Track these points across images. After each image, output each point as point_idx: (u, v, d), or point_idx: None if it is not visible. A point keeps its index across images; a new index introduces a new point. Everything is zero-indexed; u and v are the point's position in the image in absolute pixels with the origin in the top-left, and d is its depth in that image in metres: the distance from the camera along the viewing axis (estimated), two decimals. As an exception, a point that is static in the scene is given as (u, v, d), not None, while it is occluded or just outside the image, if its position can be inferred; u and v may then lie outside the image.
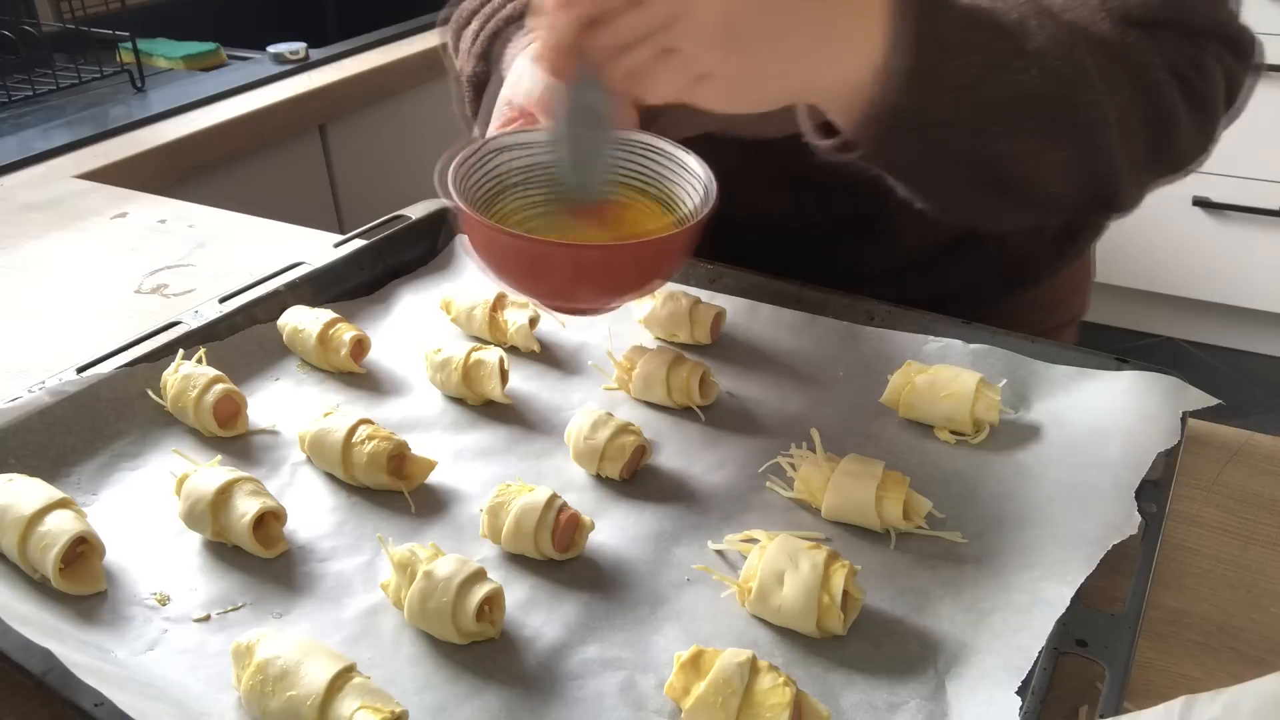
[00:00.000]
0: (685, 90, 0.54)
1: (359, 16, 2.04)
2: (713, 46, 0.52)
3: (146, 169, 1.27)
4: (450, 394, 0.72)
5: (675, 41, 0.52)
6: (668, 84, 0.54)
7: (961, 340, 0.72)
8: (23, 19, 1.51)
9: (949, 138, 0.59)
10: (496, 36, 0.82)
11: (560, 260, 0.58)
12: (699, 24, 0.52)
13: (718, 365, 0.74)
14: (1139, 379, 0.66)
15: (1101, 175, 0.64)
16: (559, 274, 0.59)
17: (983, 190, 0.63)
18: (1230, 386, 2.49)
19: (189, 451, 0.66)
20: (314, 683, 0.47)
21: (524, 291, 0.62)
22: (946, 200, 0.65)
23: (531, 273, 0.60)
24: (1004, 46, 0.59)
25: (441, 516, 0.62)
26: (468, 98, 0.87)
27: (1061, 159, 0.62)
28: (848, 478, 0.59)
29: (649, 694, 0.50)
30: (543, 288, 0.61)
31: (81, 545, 0.57)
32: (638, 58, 0.53)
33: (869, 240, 0.86)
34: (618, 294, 0.63)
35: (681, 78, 0.54)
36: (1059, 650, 0.49)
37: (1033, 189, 0.64)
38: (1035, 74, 0.59)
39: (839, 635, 0.52)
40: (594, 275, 0.59)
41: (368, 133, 1.61)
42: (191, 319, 0.76)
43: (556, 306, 0.66)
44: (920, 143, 0.59)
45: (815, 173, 0.65)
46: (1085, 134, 0.62)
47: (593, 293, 0.61)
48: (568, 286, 0.60)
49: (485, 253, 0.60)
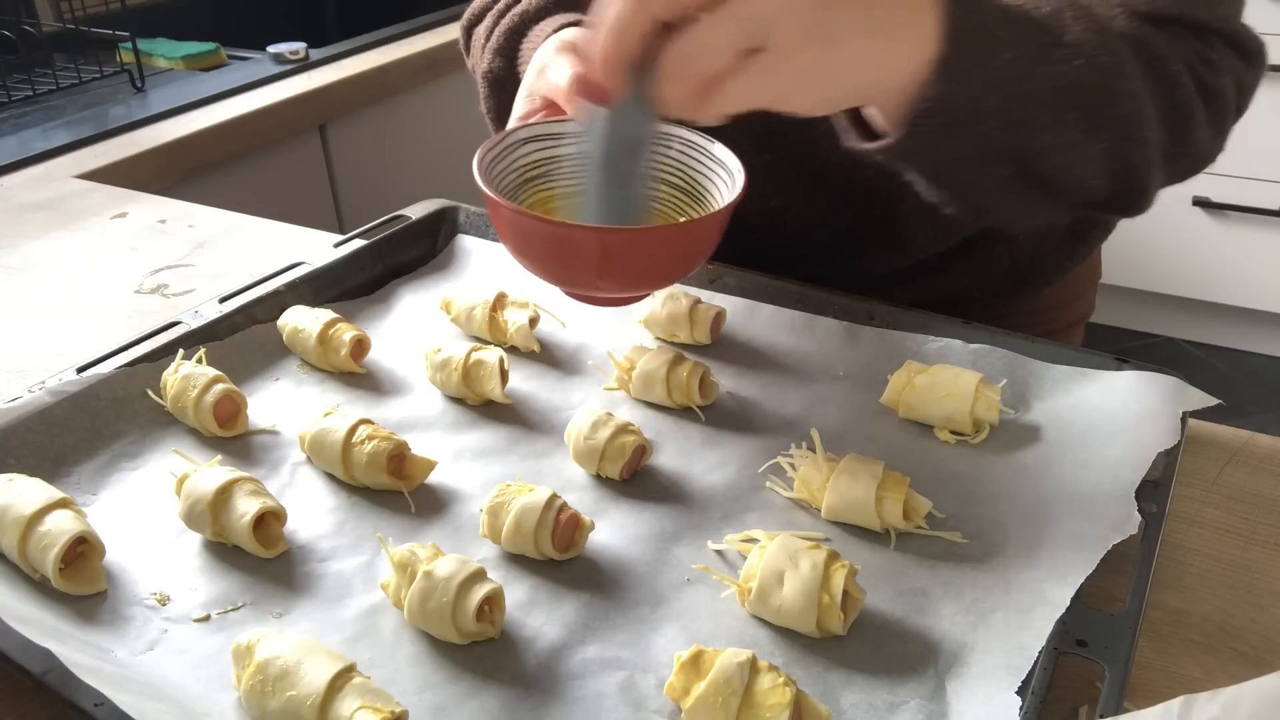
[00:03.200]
0: (763, 94, 0.51)
1: (359, 16, 2.04)
2: (805, 41, 0.49)
3: (146, 169, 1.27)
4: (450, 394, 0.72)
5: (763, 38, 0.49)
6: (746, 89, 0.50)
7: (961, 340, 0.72)
8: (23, 19, 1.51)
9: (993, 132, 0.58)
10: (514, 32, 0.81)
11: (586, 244, 0.56)
12: (791, 18, 0.49)
13: (718, 365, 0.74)
14: (1139, 379, 0.66)
15: (1135, 168, 0.64)
16: (585, 259, 0.57)
17: (1018, 186, 0.62)
18: (1230, 386, 2.49)
19: (189, 451, 0.66)
20: (314, 683, 0.47)
21: (549, 278, 0.60)
22: (980, 198, 0.64)
23: (557, 257, 0.58)
24: (1044, 39, 0.58)
25: (441, 516, 0.62)
26: (483, 94, 0.86)
27: (1099, 151, 0.62)
28: (848, 478, 0.59)
29: (649, 694, 0.50)
30: (568, 274, 0.59)
31: (81, 545, 0.57)
32: (715, 63, 0.49)
33: (880, 241, 0.85)
34: (644, 282, 0.62)
35: (764, 80, 0.50)
36: (1059, 650, 0.49)
37: (1068, 183, 0.63)
38: (1077, 64, 0.58)
39: (839, 635, 0.52)
40: (621, 261, 0.57)
41: (368, 133, 1.61)
42: (191, 319, 0.76)
43: (581, 296, 0.63)
44: (964, 138, 0.58)
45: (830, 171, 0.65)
46: (1122, 125, 0.62)
47: (619, 280, 0.59)
48: (593, 272, 0.58)
49: (511, 237, 0.59)
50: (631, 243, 0.57)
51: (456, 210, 0.92)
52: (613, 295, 0.63)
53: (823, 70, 0.52)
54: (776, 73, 0.50)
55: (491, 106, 0.86)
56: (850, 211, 0.84)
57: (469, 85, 0.92)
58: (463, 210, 0.92)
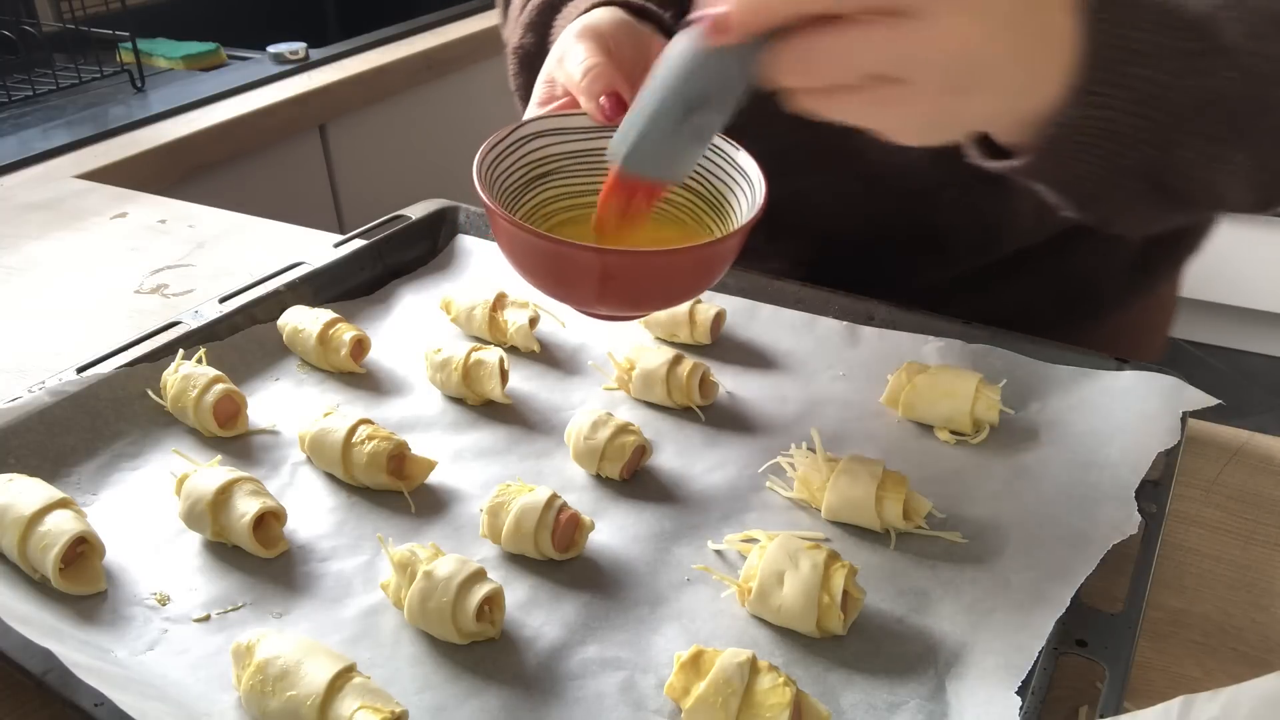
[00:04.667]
0: (874, 121, 0.47)
1: (359, 16, 2.04)
2: (945, 90, 0.46)
3: (146, 169, 1.27)
4: (450, 394, 0.72)
5: (903, 74, 0.45)
6: (858, 111, 0.47)
7: (962, 340, 0.72)
8: (23, 19, 1.52)
9: (1127, 149, 0.53)
10: (548, 7, 0.75)
11: (586, 263, 0.53)
12: (939, 58, 0.45)
13: (718, 365, 0.74)
14: (1139, 379, 0.66)
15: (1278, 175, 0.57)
16: (585, 279, 0.54)
17: (1151, 198, 0.56)
18: (1230, 386, 2.49)
19: (189, 451, 0.66)
20: (314, 683, 0.47)
21: (548, 293, 0.57)
22: (1107, 209, 0.58)
23: (556, 275, 0.55)
24: (1194, 46, 0.51)
25: (441, 516, 0.62)
26: (512, 71, 0.80)
27: (1244, 161, 0.56)
28: (848, 478, 0.59)
29: (649, 694, 0.50)
30: (568, 293, 0.56)
31: (81, 545, 0.57)
32: (841, 78, 0.45)
33: (915, 243, 0.81)
34: (648, 303, 0.58)
35: (883, 111, 0.47)
36: (1059, 650, 0.49)
37: (1206, 195, 0.57)
38: (1229, 75, 0.52)
39: (839, 635, 0.52)
40: (623, 282, 0.54)
41: (368, 133, 1.61)
42: (191, 319, 0.76)
43: (586, 311, 0.60)
44: (1095, 156, 0.53)
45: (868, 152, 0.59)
46: (1274, 135, 0.55)
47: (620, 302, 0.56)
48: (594, 293, 0.55)
49: (509, 251, 0.56)
50: (635, 264, 0.53)
51: (456, 210, 0.92)
52: (616, 314, 0.60)
53: (949, 115, 0.48)
54: (900, 109, 0.47)
55: (520, 84, 0.80)
56: (885, 204, 0.78)
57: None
58: (463, 210, 0.92)
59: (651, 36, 0.64)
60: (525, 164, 0.61)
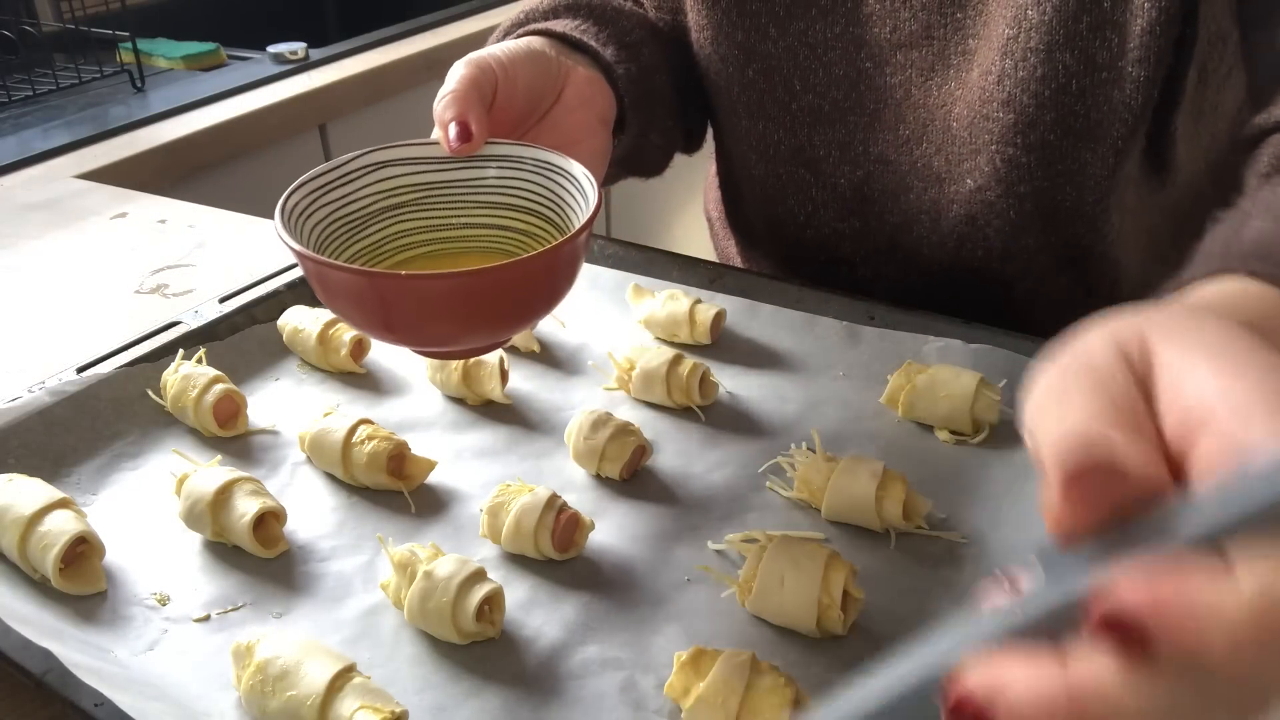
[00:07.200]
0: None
1: (359, 16, 2.04)
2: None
3: (146, 169, 1.27)
4: (450, 394, 0.72)
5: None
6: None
7: (961, 340, 0.72)
8: (23, 19, 1.51)
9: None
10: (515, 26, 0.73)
11: (356, 287, 0.46)
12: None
13: (718, 365, 0.74)
14: (1139, 379, 0.65)
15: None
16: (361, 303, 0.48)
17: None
18: (1230, 386, 2.49)
19: (189, 451, 0.66)
20: (314, 683, 0.47)
21: (363, 329, 0.52)
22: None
23: (359, 306, 0.48)
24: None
25: (441, 516, 0.62)
26: None
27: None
28: (848, 478, 0.59)
29: (649, 694, 0.50)
30: (382, 324, 0.49)
31: (81, 545, 0.57)
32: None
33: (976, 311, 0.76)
34: (474, 330, 0.51)
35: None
36: (1059, 650, 0.49)
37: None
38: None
39: (839, 635, 0.52)
40: (408, 309, 0.47)
41: (368, 133, 1.60)
42: (191, 319, 0.76)
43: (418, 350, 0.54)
44: None
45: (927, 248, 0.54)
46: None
47: (445, 330, 0.50)
48: (380, 324, 0.49)
49: (314, 282, 0.50)
50: (411, 289, 0.46)
51: (456, 210, 0.92)
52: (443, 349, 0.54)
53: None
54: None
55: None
56: (948, 295, 0.76)
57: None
58: (463, 210, 0.92)
59: (572, 69, 0.63)
60: (372, 194, 0.57)
